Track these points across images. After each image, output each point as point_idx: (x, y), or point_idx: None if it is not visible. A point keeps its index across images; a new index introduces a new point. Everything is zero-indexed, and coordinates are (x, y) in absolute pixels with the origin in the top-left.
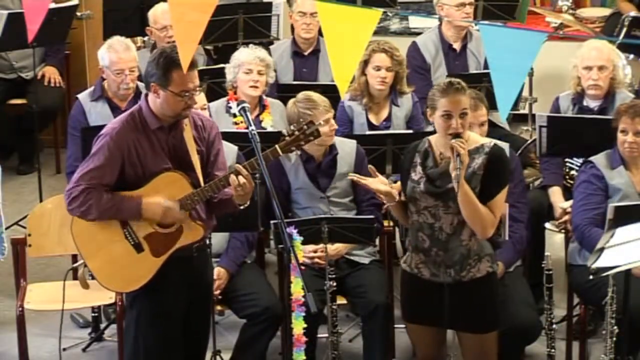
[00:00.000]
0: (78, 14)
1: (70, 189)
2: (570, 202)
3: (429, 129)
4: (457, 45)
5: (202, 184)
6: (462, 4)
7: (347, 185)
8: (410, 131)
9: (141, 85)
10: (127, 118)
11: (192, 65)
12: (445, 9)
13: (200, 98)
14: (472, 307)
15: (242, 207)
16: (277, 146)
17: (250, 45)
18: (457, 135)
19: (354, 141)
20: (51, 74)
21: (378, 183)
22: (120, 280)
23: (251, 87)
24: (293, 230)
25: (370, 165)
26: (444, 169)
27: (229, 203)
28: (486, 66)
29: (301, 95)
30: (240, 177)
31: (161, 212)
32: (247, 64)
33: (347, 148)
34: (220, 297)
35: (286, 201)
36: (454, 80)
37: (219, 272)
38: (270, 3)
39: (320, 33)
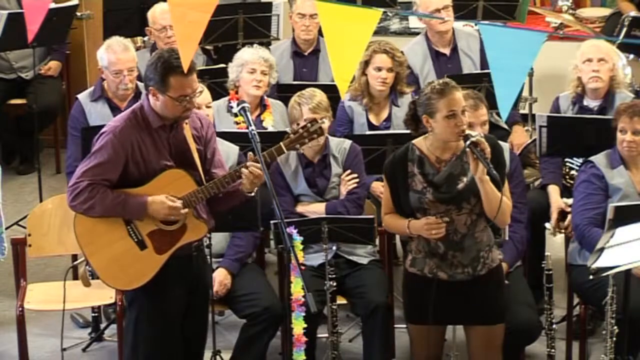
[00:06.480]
0: (78, 14)
1: (73, 185)
2: (569, 200)
3: None
4: (446, 50)
5: (204, 181)
6: (437, 10)
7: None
8: (410, 131)
9: (141, 85)
10: (130, 116)
11: (191, 69)
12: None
13: (206, 96)
14: (487, 298)
15: (251, 195)
16: (281, 144)
17: (255, 45)
18: (466, 137)
19: (349, 141)
20: (56, 69)
21: None
22: (123, 278)
23: (254, 86)
24: (293, 230)
25: None
26: (446, 173)
27: (236, 195)
28: (482, 63)
29: (307, 89)
30: (253, 169)
31: (166, 210)
32: (250, 64)
33: (341, 149)
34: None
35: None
36: (446, 79)
37: (223, 275)
38: (270, 3)
39: (320, 33)
